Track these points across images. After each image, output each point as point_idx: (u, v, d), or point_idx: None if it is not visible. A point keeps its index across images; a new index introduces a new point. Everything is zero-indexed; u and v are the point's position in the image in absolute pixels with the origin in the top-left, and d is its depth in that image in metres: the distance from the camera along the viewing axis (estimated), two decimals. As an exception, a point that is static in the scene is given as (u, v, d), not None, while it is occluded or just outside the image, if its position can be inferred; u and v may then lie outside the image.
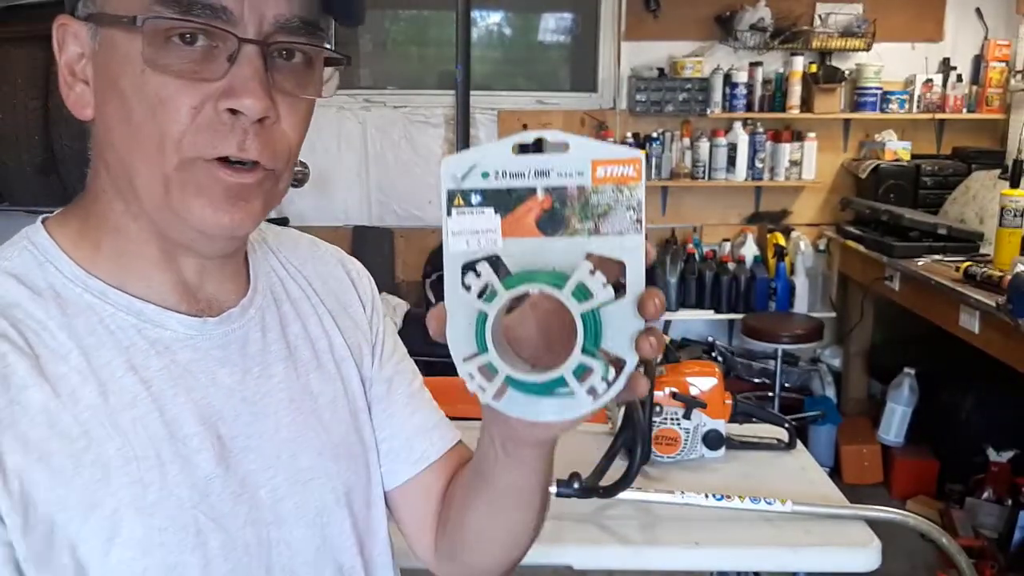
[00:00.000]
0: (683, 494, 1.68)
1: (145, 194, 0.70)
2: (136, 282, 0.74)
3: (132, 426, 0.70)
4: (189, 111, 0.67)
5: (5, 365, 0.67)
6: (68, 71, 0.72)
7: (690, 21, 4.43)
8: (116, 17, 0.67)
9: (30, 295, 0.71)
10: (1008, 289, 2.79)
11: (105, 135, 0.71)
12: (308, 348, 0.84)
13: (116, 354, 0.71)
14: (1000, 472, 3.43)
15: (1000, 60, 4.43)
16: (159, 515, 0.69)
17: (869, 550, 1.59)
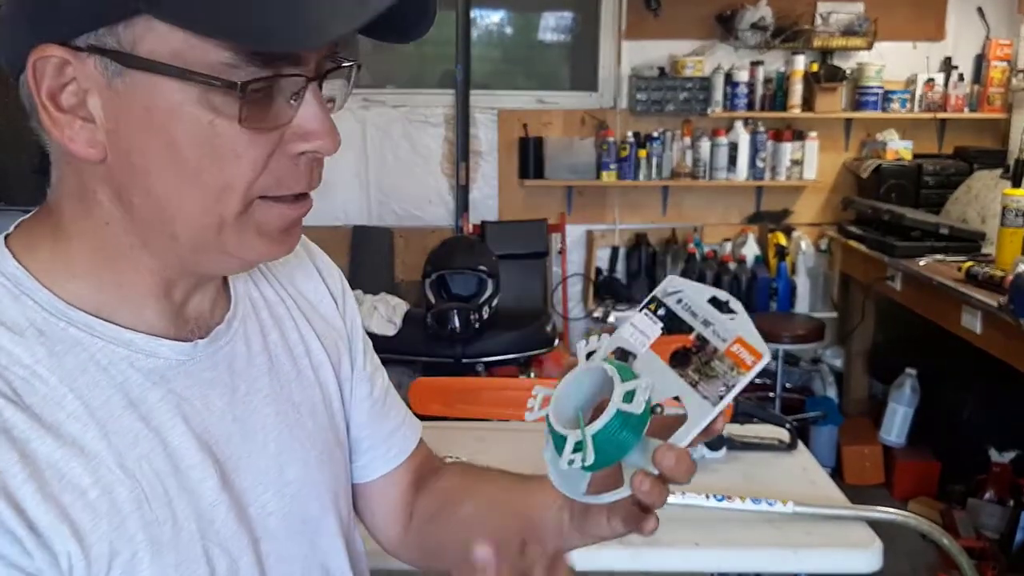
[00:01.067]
0: (683, 495, 1.67)
1: (189, 237, 0.66)
2: (122, 310, 0.70)
3: (138, 466, 0.67)
4: (264, 159, 0.64)
5: (3, 419, 0.62)
6: (51, 103, 0.63)
7: (691, 20, 4.43)
8: (172, 67, 0.60)
9: (11, 336, 0.65)
10: (1010, 289, 2.79)
11: (131, 179, 0.65)
12: (287, 356, 0.82)
13: (112, 392, 0.67)
14: (1002, 473, 3.43)
15: (1002, 59, 4.42)
16: (172, 552, 0.68)
17: (870, 551, 1.58)
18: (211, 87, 0.60)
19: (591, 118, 4.50)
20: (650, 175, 4.45)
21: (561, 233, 4.55)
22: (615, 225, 4.63)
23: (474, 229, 4.42)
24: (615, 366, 0.68)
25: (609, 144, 4.39)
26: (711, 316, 0.69)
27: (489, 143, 4.53)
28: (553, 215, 4.54)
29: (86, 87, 0.63)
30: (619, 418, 0.65)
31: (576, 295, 4.67)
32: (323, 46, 0.63)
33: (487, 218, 4.48)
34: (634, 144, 4.42)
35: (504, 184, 4.56)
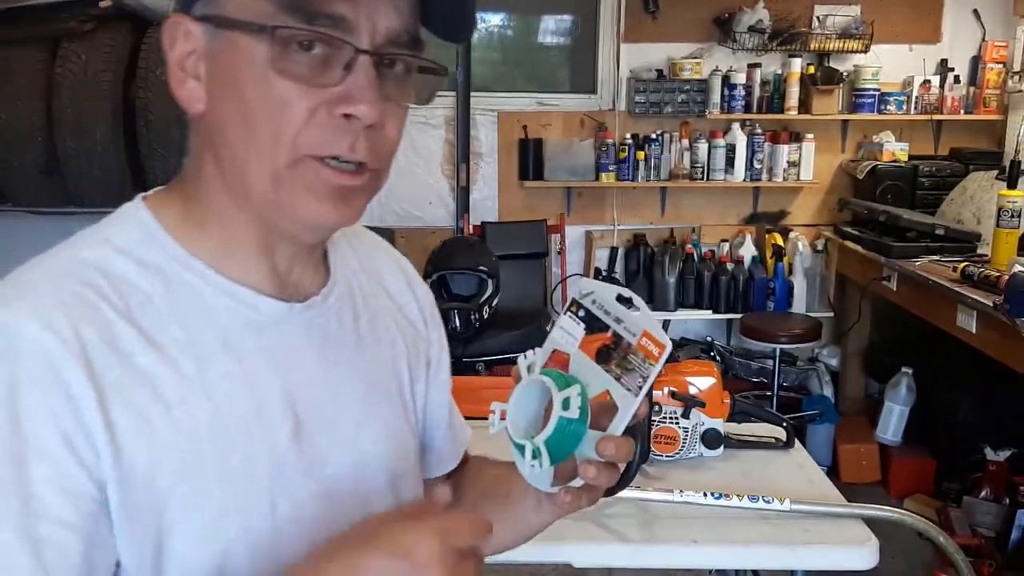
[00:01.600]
0: (682, 492, 1.69)
1: (255, 188, 0.73)
2: (233, 266, 0.77)
3: (224, 400, 0.74)
4: (306, 113, 0.71)
5: (113, 332, 0.70)
6: (178, 67, 0.74)
7: (689, 23, 4.45)
8: (239, 21, 0.70)
9: (136, 268, 0.74)
10: (1005, 289, 2.81)
11: (218, 130, 0.74)
12: (373, 342, 0.88)
13: (213, 332, 0.75)
14: (997, 471, 3.45)
15: (997, 61, 4.45)
16: (239, 483, 0.73)
17: (867, 548, 1.60)
18: (258, 38, 0.69)
19: (590, 120, 4.53)
20: (648, 176, 4.47)
21: (560, 234, 4.57)
22: (614, 226, 4.65)
23: (474, 230, 4.44)
24: (551, 375, 0.77)
25: (608, 146, 4.41)
26: (621, 314, 0.78)
27: (489, 144, 4.55)
28: (552, 216, 4.56)
29: (194, 49, 0.73)
30: (561, 423, 0.74)
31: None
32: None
33: (487, 219, 4.50)
34: (633, 146, 4.44)
35: (504, 185, 4.58)
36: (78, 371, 0.67)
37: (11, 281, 0.72)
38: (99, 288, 0.71)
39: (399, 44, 0.73)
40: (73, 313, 0.69)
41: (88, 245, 0.75)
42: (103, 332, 0.69)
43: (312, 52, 0.70)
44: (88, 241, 0.76)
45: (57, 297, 0.69)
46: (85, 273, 0.72)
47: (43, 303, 0.68)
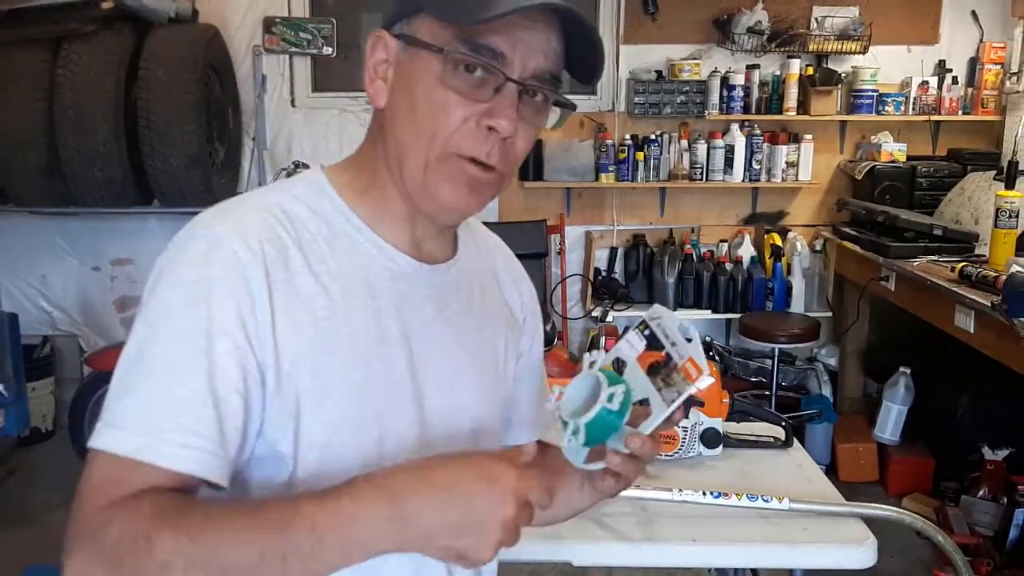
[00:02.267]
0: (681, 492, 1.70)
1: (408, 171, 0.94)
2: (382, 226, 0.98)
3: (359, 323, 0.93)
4: (460, 120, 0.91)
5: (287, 255, 0.91)
6: (373, 70, 0.96)
7: (688, 24, 4.46)
8: (425, 43, 0.91)
9: (310, 213, 0.95)
10: (1003, 289, 2.82)
11: (391, 122, 0.95)
12: (481, 314, 1.08)
13: (358, 271, 0.95)
14: (995, 470, 3.45)
15: (995, 62, 4.46)
16: (359, 393, 0.92)
17: (865, 547, 1.61)
18: (435, 57, 0.90)
19: (590, 121, 4.54)
20: (648, 177, 4.48)
21: (560, 234, 4.58)
22: (613, 226, 4.66)
23: (474, 230, 4.44)
24: (606, 374, 0.92)
25: (607, 146, 4.42)
26: (677, 339, 0.93)
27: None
28: (552, 216, 4.57)
29: (387, 58, 0.95)
30: (602, 412, 0.89)
31: (575, 295, 4.69)
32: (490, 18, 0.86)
33: (487, 219, 4.50)
34: (632, 146, 4.45)
35: (503, 185, 4.57)
36: (259, 275, 0.87)
37: (223, 208, 0.93)
38: (281, 221, 0.92)
39: (541, 80, 0.92)
40: (261, 234, 0.90)
41: (277, 191, 0.98)
42: (280, 252, 0.90)
43: (474, 74, 0.90)
44: (277, 189, 0.98)
45: (251, 222, 0.91)
46: (272, 210, 0.93)
47: (241, 225, 0.90)
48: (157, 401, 0.82)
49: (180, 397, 0.82)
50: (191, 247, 0.88)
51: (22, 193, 3.84)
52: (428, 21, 0.91)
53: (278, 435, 0.89)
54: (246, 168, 4.39)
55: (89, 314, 4.52)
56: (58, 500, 3.52)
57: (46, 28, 3.60)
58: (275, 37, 4.28)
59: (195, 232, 0.89)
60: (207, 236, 0.88)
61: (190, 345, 0.84)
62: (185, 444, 0.81)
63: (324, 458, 0.90)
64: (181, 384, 0.82)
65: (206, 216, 0.92)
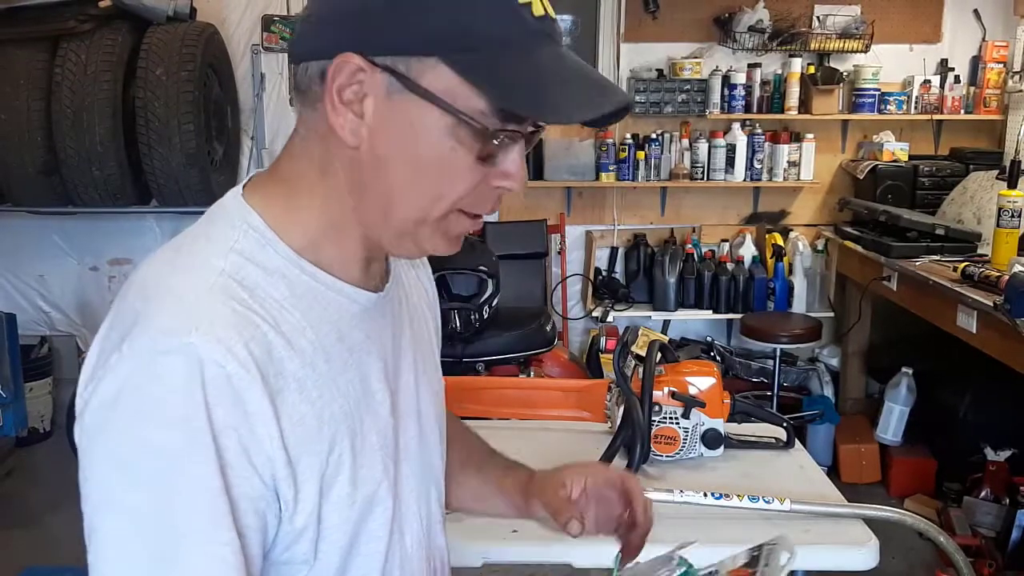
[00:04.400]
0: (682, 493, 1.69)
1: (396, 223, 0.83)
2: (336, 265, 0.86)
3: (347, 387, 0.85)
4: (473, 184, 0.81)
5: (270, 344, 0.78)
6: (338, 96, 0.78)
7: (689, 23, 4.45)
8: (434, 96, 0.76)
9: (266, 276, 0.81)
10: (1005, 289, 2.81)
11: (374, 169, 0.81)
12: (419, 319, 1.03)
13: (330, 327, 0.85)
14: (998, 471, 3.44)
15: (998, 61, 4.45)
16: (363, 457, 0.86)
17: (867, 549, 1.60)
18: (467, 125, 0.77)
19: (590, 119, 4.52)
20: (648, 176, 4.47)
21: (560, 233, 4.57)
22: (614, 226, 4.65)
23: (474, 230, 4.44)
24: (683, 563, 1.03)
25: (608, 145, 4.41)
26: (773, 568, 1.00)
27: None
28: (553, 216, 4.56)
29: (367, 92, 0.78)
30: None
31: (575, 295, 4.69)
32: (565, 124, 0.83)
33: (487, 219, 4.49)
34: (633, 145, 4.44)
35: (503, 185, 4.57)
36: (256, 387, 0.76)
37: (171, 298, 0.77)
38: (248, 304, 0.78)
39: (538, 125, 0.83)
40: (244, 334, 0.76)
41: (215, 253, 0.81)
42: (264, 348, 0.77)
43: (496, 141, 0.79)
44: (213, 248, 0.81)
45: (223, 317, 0.76)
46: (231, 288, 0.78)
47: (217, 326, 0.75)
48: (197, 568, 0.73)
49: (221, 558, 0.73)
50: (169, 368, 0.73)
51: (20, 193, 3.84)
52: (444, 72, 0.76)
53: (309, 521, 0.82)
54: (245, 167, 4.39)
55: (87, 314, 4.52)
56: (56, 500, 3.52)
57: (44, 27, 3.59)
58: (273, 35, 4.28)
59: (163, 346, 0.73)
60: (183, 351, 0.73)
61: (212, 504, 0.73)
62: None
63: (347, 539, 0.86)
64: (215, 554, 0.73)
65: (163, 318, 0.75)
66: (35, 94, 3.59)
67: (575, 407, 2.05)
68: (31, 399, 4.05)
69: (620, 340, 1.91)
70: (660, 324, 4.45)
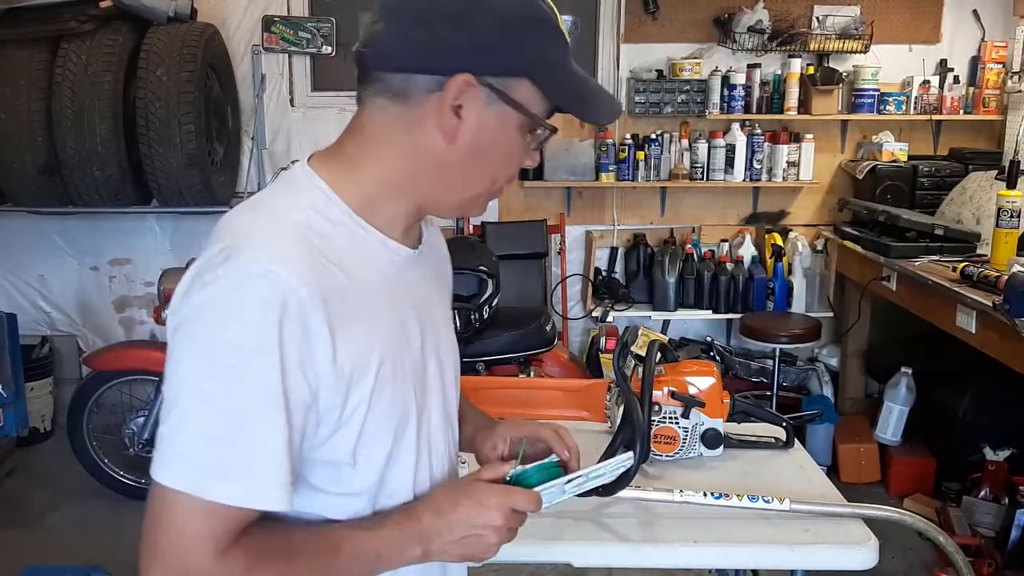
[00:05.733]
0: (682, 492, 1.69)
1: (455, 199, 1.08)
2: (380, 221, 1.06)
3: (389, 322, 1.05)
4: (518, 167, 1.09)
5: (335, 280, 0.98)
6: (449, 106, 1.00)
7: (688, 23, 4.45)
8: (521, 106, 1.02)
9: (331, 226, 1.01)
10: (1005, 289, 2.81)
11: (453, 158, 1.03)
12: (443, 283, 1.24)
13: (377, 272, 1.05)
14: (997, 471, 3.44)
15: (997, 62, 4.45)
16: (400, 379, 1.05)
17: (866, 548, 1.61)
18: (537, 125, 1.05)
19: (590, 120, 4.52)
20: (648, 176, 4.47)
21: (560, 234, 4.57)
22: (614, 226, 4.65)
23: (475, 230, 4.44)
24: None
25: (608, 146, 4.41)
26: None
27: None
28: (552, 216, 4.56)
29: (469, 100, 1.00)
30: None
31: (575, 295, 4.69)
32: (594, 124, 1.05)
33: (487, 219, 4.50)
34: (632, 146, 4.44)
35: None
36: (320, 313, 0.94)
37: (264, 235, 0.97)
38: (318, 247, 0.98)
39: None
40: (315, 270, 0.95)
41: (291, 205, 1.02)
42: (330, 280, 0.96)
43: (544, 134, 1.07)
44: (289, 202, 1.02)
45: (300, 255, 0.95)
46: (306, 233, 0.98)
47: (295, 260, 0.94)
48: (255, 449, 0.92)
49: (275, 445, 0.93)
50: (254, 287, 0.92)
51: (20, 193, 3.84)
52: (527, 88, 1.02)
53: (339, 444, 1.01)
54: (245, 167, 4.39)
55: (87, 314, 4.52)
56: (56, 500, 3.53)
57: (44, 27, 3.59)
58: (274, 36, 4.28)
59: (251, 270, 0.92)
60: (268, 276, 0.92)
61: (272, 396, 0.92)
62: (281, 488, 0.94)
63: (376, 451, 1.04)
64: (272, 433, 0.93)
65: (251, 248, 0.94)
66: (36, 94, 3.60)
67: (575, 407, 2.06)
68: (32, 399, 4.04)
69: (620, 340, 1.91)
70: (660, 324, 4.45)
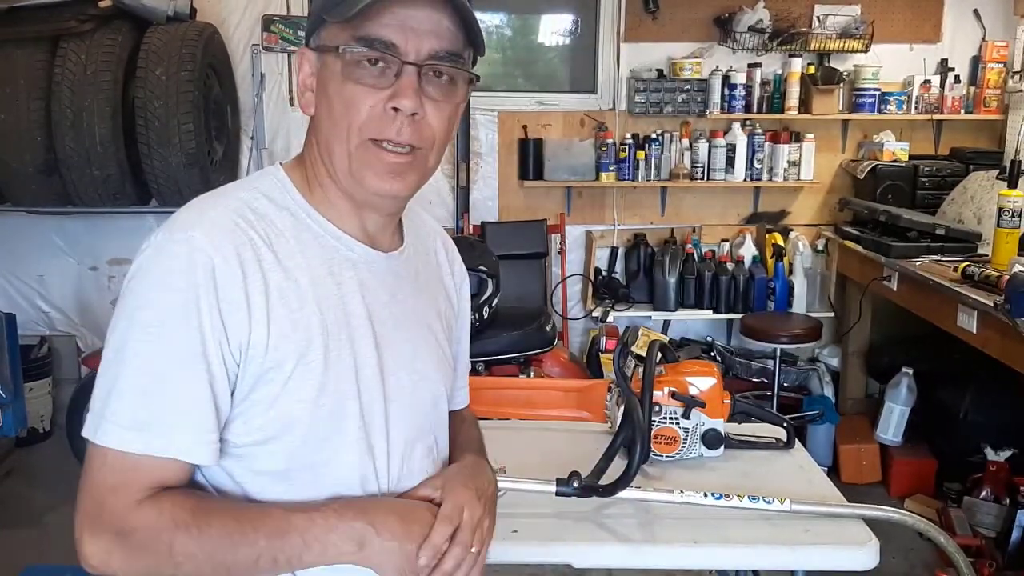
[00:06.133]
0: (682, 493, 1.69)
1: (337, 164, 1.05)
2: (337, 219, 1.09)
3: (328, 310, 1.04)
4: (368, 108, 1.02)
5: (260, 254, 1.01)
6: (302, 84, 1.08)
7: (689, 23, 4.45)
8: (330, 47, 1.02)
9: (276, 209, 1.06)
10: (1006, 289, 2.80)
11: (317, 124, 1.07)
12: (428, 293, 1.21)
13: (322, 262, 1.06)
14: (998, 471, 3.44)
15: (998, 61, 4.45)
16: (334, 372, 1.03)
17: (867, 549, 1.60)
18: (338, 57, 1.01)
19: (590, 120, 4.52)
20: (649, 176, 4.47)
21: (560, 233, 4.57)
22: (614, 226, 4.65)
23: (474, 230, 4.44)
24: None
25: (608, 145, 4.41)
26: None
27: (489, 144, 4.55)
28: (552, 216, 4.55)
29: (312, 71, 1.06)
30: None
31: (575, 295, 4.68)
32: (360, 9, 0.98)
33: (487, 219, 4.50)
34: (633, 145, 4.44)
35: (504, 185, 4.57)
36: (237, 280, 0.98)
37: (198, 208, 1.03)
38: (251, 222, 1.02)
39: (438, 58, 1.02)
40: (236, 240, 1.00)
41: (244, 187, 1.08)
42: (254, 253, 1.00)
43: (375, 66, 1.01)
44: (244, 185, 1.09)
45: (225, 225, 1.00)
46: (242, 210, 1.03)
47: (216, 230, 0.99)
48: (173, 403, 0.96)
49: (194, 398, 0.96)
50: (173, 251, 0.98)
51: (19, 192, 3.83)
52: (330, 28, 1.03)
53: (255, 418, 1.01)
54: (245, 167, 4.38)
55: (86, 314, 4.52)
56: (56, 500, 3.52)
57: (43, 26, 3.58)
58: (274, 35, 4.27)
59: (174, 236, 0.99)
60: (187, 242, 0.98)
61: (191, 350, 0.96)
62: (202, 441, 0.98)
63: (306, 438, 1.03)
64: (191, 386, 0.96)
65: (182, 219, 1.01)
66: (35, 94, 3.59)
67: (575, 407, 2.05)
68: (31, 399, 4.04)
69: (620, 340, 1.90)
70: (660, 324, 4.44)
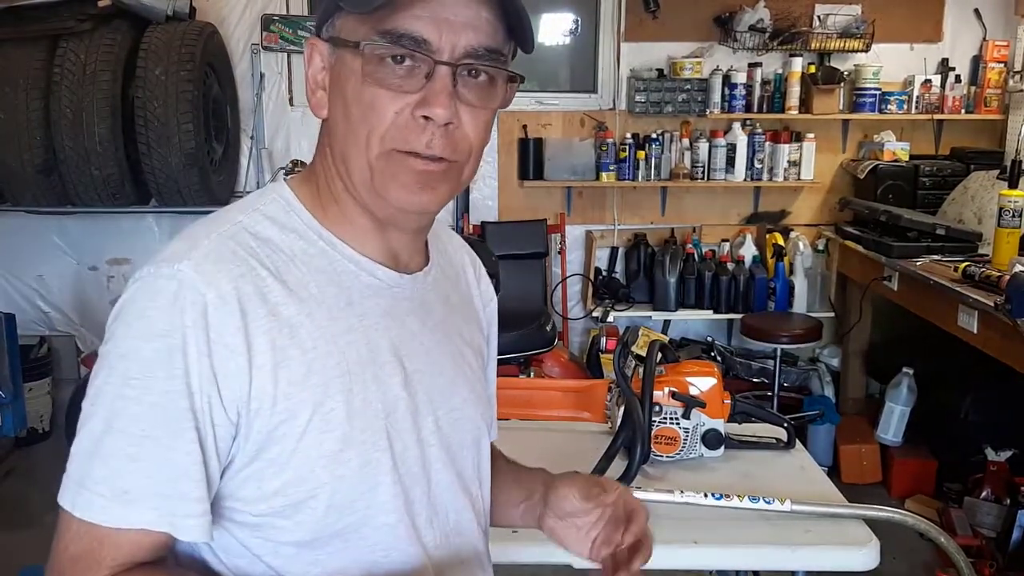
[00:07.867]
0: (682, 493, 1.68)
1: (355, 177, 0.90)
2: (355, 240, 0.94)
3: (347, 347, 0.89)
4: (392, 115, 0.86)
5: (265, 286, 0.86)
6: (313, 81, 0.92)
7: (689, 22, 4.45)
8: (346, 41, 0.87)
9: (280, 232, 0.90)
10: (1006, 289, 2.80)
11: (331, 129, 0.92)
12: (461, 316, 1.07)
13: (339, 290, 0.91)
14: (998, 471, 3.44)
15: (998, 61, 4.44)
16: (360, 420, 0.88)
17: (868, 549, 1.59)
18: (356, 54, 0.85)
19: (590, 119, 4.52)
20: (649, 176, 4.46)
21: (560, 233, 4.56)
22: (614, 225, 4.64)
23: (474, 230, 4.43)
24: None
25: (608, 145, 4.40)
26: None
27: (489, 144, 4.53)
28: (552, 215, 4.55)
29: (324, 65, 0.91)
30: None
31: (575, 295, 4.68)
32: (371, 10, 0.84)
33: (487, 219, 4.50)
34: (633, 145, 4.44)
35: (504, 185, 4.57)
36: (234, 320, 0.82)
37: (192, 238, 0.87)
38: (253, 250, 0.87)
39: (477, 56, 0.86)
40: (234, 272, 0.84)
41: (244, 210, 0.92)
42: (257, 288, 0.85)
43: (401, 65, 0.85)
44: (244, 208, 0.92)
45: (222, 256, 0.85)
46: (241, 236, 0.88)
47: (211, 262, 0.84)
48: (156, 469, 0.81)
49: (178, 464, 0.81)
50: (158, 288, 0.83)
51: (19, 192, 3.83)
52: (347, 18, 0.87)
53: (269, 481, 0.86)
54: (244, 167, 4.38)
55: (86, 314, 4.51)
56: (55, 501, 3.50)
57: (43, 26, 3.58)
58: (273, 35, 4.27)
59: (160, 271, 0.83)
60: (174, 277, 0.82)
61: (176, 405, 0.81)
62: (190, 514, 0.82)
63: (332, 500, 0.88)
64: (175, 450, 0.81)
65: (171, 250, 0.86)
66: (34, 93, 3.59)
67: (575, 407, 2.04)
68: (30, 399, 4.04)
69: (620, 340, 1.90)
70: (660, 324, 4.44)
